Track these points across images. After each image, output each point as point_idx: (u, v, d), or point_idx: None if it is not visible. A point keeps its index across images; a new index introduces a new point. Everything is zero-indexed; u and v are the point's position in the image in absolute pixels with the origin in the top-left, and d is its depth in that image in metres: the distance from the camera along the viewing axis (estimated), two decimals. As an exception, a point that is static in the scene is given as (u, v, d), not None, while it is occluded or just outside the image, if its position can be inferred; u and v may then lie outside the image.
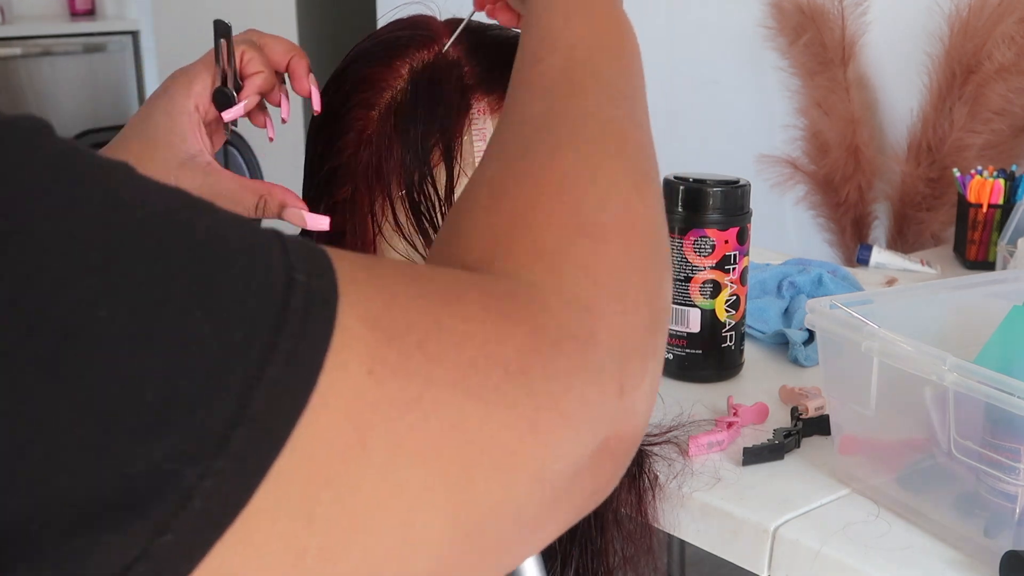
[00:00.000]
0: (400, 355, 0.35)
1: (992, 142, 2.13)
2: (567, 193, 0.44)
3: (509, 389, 0.37)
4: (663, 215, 0.48)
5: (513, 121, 0.49)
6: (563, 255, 0.42)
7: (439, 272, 0.40)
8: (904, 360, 0.89)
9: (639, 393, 0.43)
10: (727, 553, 0.96)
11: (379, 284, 0.36)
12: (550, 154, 0.46)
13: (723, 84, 2.74)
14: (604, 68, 0.51)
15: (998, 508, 0.85)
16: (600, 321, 0.41)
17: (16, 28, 4.24)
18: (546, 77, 0.50)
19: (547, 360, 0.38)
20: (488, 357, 0.37)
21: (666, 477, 0.99)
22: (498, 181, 0.45)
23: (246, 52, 0.69)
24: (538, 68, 0.51)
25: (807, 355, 1.27)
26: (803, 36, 2.34)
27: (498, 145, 0.48)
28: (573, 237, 0.43)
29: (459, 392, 0.35)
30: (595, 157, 0.46)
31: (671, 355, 1.21)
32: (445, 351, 0.36)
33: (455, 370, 0.36)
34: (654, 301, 0.45)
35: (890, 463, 0.96)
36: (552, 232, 0.42)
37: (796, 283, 1.41)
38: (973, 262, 1.74)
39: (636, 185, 0.46)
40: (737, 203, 1.17)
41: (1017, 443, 0.82)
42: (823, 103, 2.34)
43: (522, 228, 0.43)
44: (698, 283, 1.17)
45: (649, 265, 0.45)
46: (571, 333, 0.39)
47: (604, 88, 0.50)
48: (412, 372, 0.35)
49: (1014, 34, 2.05)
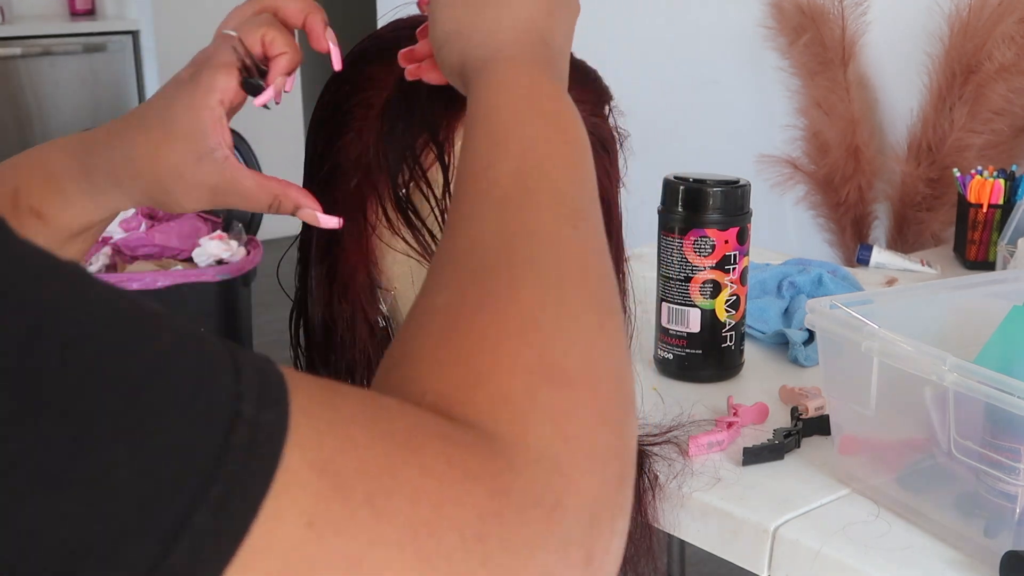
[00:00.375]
0: (346, 508, 0.32)
1: (992, 142, 2.13)
2: (531, 334, 0.40)
3: (461, 559, 0.33)
4: (626, 352, 0.45)
5: (464, 237, 0.46)
6: (529, 405, 0.39)
7: (402, 412, 0.36)
8: (904, 360, 0.89)
9: (609, 556, 0.40)
10: (727, 553, 0.96)
11: (335, 420, 0.33)
12: (509, 285, 0.42)
13: (723, 84, 2.74)
14: (559, 177, 0.48)
15: (998, 508, 0.85)
16: (569, 485, 0.38)
17: (16, 28, 4.24)
18: (498, 187, 0.47)
19: (508, 529, 0.35)
20: (444, 519, 0.33)
21: (666, 477, 0.98)
22: (453, 311, 0.42)
23: (267, 32, 0.67)
24: (489, 175, 0.48)
25: (807, 355, 1.27)
26: (803, 36, 2.34)
27: (449, 265, 0.45)
28: (539, 385, 0.39)
29: (407, 557, 0.32)
30: (557, 291, 0.43)
31: (671, 355, 1.21)
32: (397, 508, 0.32)
33: (405, 530, 0.32)
34: (623, 453, 0.42)
35: (890, 463, 0.96)
36: (517, 379, 0.39)
37: (796, 283, 1.41)
38: (973, 262, 1.74)
39: (601, 324, 0.43)
40: (737, 203, 1.17)
41: (1017, 443, 0.82)
42: (823, 103, 2.34)
43: (484, 372, 0.39)
44: (698, 283, 1.17)
45: (617, 414, 0.42)
46: (537, 499, 0.36)
47: (560, 203, 0.47)
48: (357, 529, 0.32)
49: (1014, 34, 2.05)
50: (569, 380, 0.40)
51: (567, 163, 0.49)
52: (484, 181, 0.48)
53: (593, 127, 0.78)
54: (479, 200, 0.47)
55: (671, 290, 1.19)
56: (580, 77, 0.77)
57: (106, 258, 2.75)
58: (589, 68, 0.79)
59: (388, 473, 0.33)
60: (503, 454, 0.36)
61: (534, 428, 0.38)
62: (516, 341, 0.40)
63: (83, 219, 0.68)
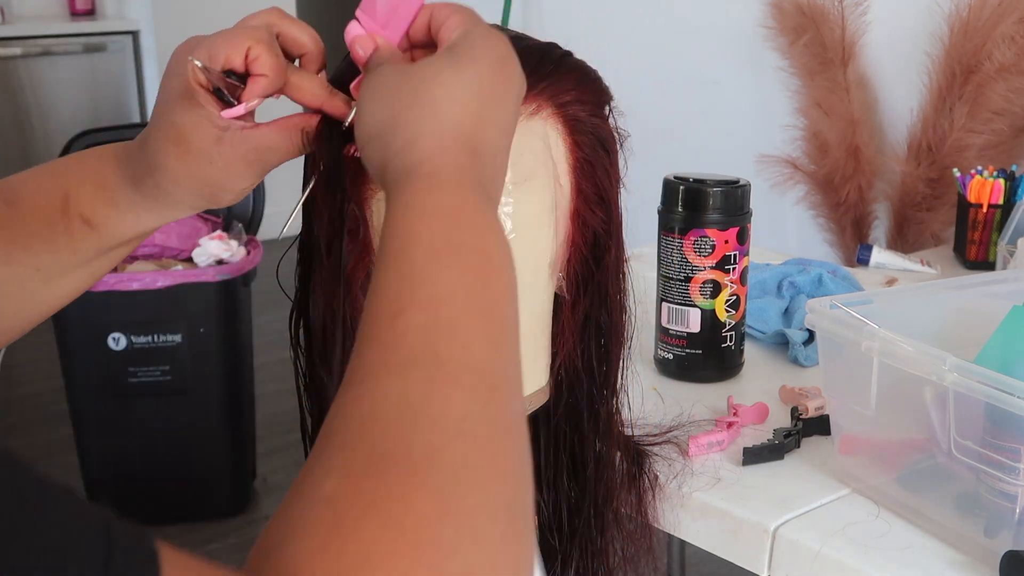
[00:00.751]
0: None
1: (992, 142, 2.13)
2: (424, 552, 0.37)
3: None
4: (529, 554, 0.42)
5: (363, 402, 0.42)
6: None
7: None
8: (904, 360, 0.89)
9: None
10: (727, 553, 0.96)
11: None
12: (405, 484, 0.38)
13: (723, 84, 2.74)
14: (473, 341, 0.44)
15: (998, 508, 0.85)
16: None
17: (16, 28, 4.24)
18: (404, 346, 0.43)
19: None
20: None
21: (666, 477, 0.99)
22: (342, 508, 0.38)
23: (254, 48, 0.63)
24: (397, 326, 0.44)
25: (807, 355, 1.27)
26: (803, 36, 2.34)
27: (342, 438, 0.40)
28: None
29: None
30: (458, 498, 0.39)
31: (671, 355, 1.21)
32: None
33: None
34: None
35: (890, 463, 0.96)
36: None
37: (796, 283, 1.41)
38: (973, 262, 1.74)
39: (503, 536, 0.39)
40: (737, 203, 1.17)
41: (1017, 443, 0.82)
42: (823, 103, 2.34)
43: (372, 565, 0.36)
44: (698, 283, 1.17)
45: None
46: None
47: (471, 375, 0.43)
48: None
49: (1014, 34, 2.05)
50: None
51: (485, 320, 0.45)
52: (391, 332, 0.44)
53: (594, 128, 0.78)
54: (384, 356, 0.43)
55: (671, 290, 1.19)
56: (580, 77, 0.78)
57: (106, 258, 2.74)
58: (589, 68, 0.79)
59: None
60: None
61: None
62: (408, 560, 0.36)
63: (137, 229, 0.69)
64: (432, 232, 0.47)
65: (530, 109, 0.75)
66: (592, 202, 0.80)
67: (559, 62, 0.77)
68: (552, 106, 0.76)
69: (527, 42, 0.78)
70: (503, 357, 0.45)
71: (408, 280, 0.45)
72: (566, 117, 0.77)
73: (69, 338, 2.47)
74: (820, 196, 2.42)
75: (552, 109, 0.76)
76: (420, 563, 0.36)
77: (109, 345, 2.42)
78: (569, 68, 0.77)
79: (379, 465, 0.39)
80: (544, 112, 0.76)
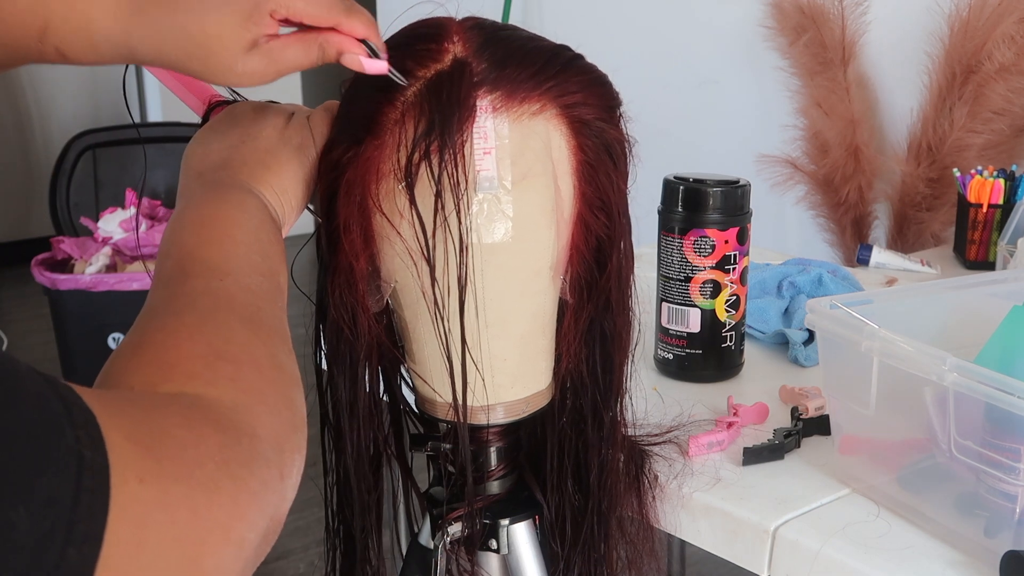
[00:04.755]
0: (155, 464, 0.44)
1: (992, 142, 2.13)
2: (197, 336, 0.56)
3: (216, 476, 0.47)
4: (282, 345, 0.61)
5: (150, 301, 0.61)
6: (212, 375, 0.53)
7: (155, 401, 0.49)
8: (904, 360, 0.89)
9: (292, 480, 0.54)
10: (727, 553, 0.96)
11: (125, 420, 0.44)
12: (176, 314, 0.58)
13: (723, 84, 2.74)
14: (207, 254, 0.63)
15: (998, 508, 0.85)
16: (256, 422, 0.52)
17: (16, 28, 4.23)
18: (161, 272, 0.63)
19: (235, 453, 0.49)
20: (201, 455, 0.47)
21: (666, 477, 0.99)
22: (138, 335, 0.56)
23: None
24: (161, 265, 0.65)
25: (807, 355, 1.27)
26: (803, 36, 2.34)
27: (142, 312, 0.60)
28: (213, 361, 0.54)
29: (191, 482, 0.45)
30: (210, 317, 0.58)
31: (671, 355, 1.21)
32: (179, 455, 0.45)
33: (183, 465, 0.45)
34: (292, 408, 0.57)
35: (890, 463, 0.96)
36: (197, 362, 0.54)
37: (796, 283, 1.41)
38: (973, 262, 1.74)
39: (253, 331, 0.59)
40: (737, 203, 1.17)
41: (1017, 443, 0.82)
42: (823, 103, 2.34)
43: (172, 362, 0.53)
44: (698, 283, 1.17)
45: (280, 380, 0.57)
46: (242, 432, 0.50)
47: (208, 270, 0.62)
48: (161, 471, 0.44)
49: (1014, 34, 2.05)
50: (234, 358, 0.56)
51: (222, 243, 0.66)
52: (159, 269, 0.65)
53: (599, 132, 0.78)
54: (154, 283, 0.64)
55: (671, 290, 1.19)
56: (588, 80, 0.78)
57: (106, 258, 2.75)
58: (599, 72, 0.79)
59: (168, 437, 0.46)
60: (213, 408, 0.50)
61: (220, 388, 0.52)
62: (188, 342, 0.55)
63: (105, 63, 0.70)
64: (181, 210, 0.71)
65: (534, 108, 0.75)
66: (595, 206, 0.80)
67: (567, 64, 0.77)
68: (557, 107, 0.76)
69: (539, 42, 0.78)
70: (226, 252, 0.65)
71: (166, 237, 0.68)
72: (571, 119, 0.77)
73: (69, 338, 2.47)
74: (820, 196, 2.42)
75: (557, 110, 0.76)
76: (197, 342, 0.55)
77: (109, 345, 2.42)
78: (577, 71, 0.77)
79: (157, 314, 0.59)
80: (548, 112, 0.76)
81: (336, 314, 0.79)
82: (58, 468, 0.38)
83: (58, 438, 0.39)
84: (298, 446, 0.56)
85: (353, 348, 0.81)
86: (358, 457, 0.84)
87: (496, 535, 0.87)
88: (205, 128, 0.78)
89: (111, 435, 0.41)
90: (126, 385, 0.52)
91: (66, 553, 0.38)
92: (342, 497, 0.87)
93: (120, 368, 0.53)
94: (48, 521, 0.37)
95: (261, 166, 0.74)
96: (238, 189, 0.71)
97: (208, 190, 0.71)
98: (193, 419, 0.48)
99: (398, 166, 0.74)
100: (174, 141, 2.83)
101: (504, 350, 0.80)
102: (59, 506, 0.38)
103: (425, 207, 0.74)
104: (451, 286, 0.75)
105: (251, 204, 0.70)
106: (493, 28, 0.77)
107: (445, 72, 0.74)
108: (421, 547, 0.91)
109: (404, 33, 0.78)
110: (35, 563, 0.36)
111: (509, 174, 0.75)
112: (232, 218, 0.68)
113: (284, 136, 0.77)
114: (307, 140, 0.77)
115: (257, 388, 0.55)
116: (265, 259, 0.67)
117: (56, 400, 0.40)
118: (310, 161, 0.77)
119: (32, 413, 0.39)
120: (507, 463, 0.88)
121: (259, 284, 0.64)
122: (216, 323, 0.58)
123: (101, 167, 3.19)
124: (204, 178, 0.73)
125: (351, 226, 0.76)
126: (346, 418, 0.83)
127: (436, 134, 0.72)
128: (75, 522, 0.38)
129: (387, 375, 0.87)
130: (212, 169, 0.73)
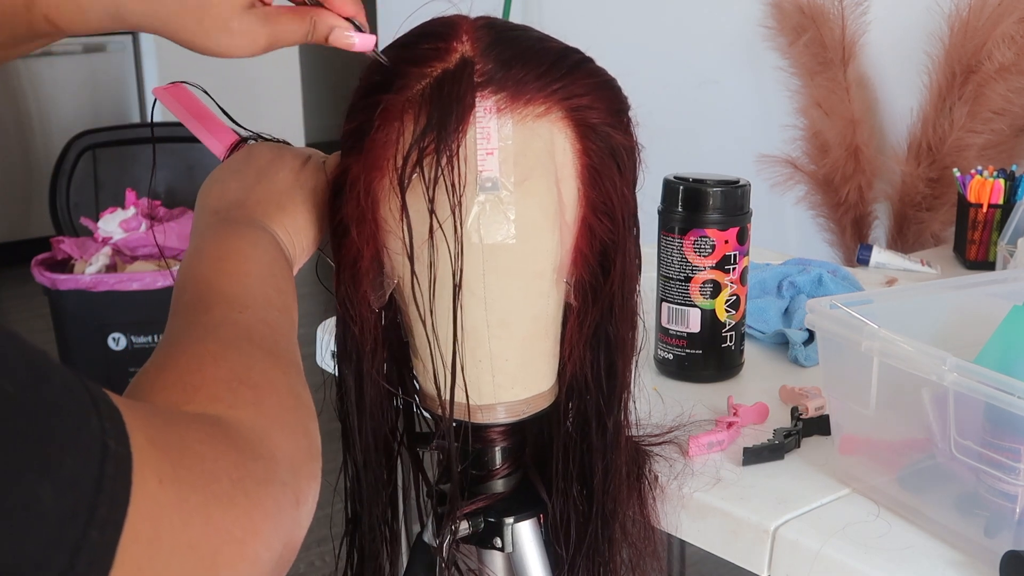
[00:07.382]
0: (174, 469, 0.44)
1: (992, 142, 2.13)
2: (221, 362, 0.57)
3: (231, 493, 0.48)
4: (299, 378, 0.62)
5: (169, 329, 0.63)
6: (233, 399, 0.55)
7: (178, 418, 0.50)
8: (904, 360, 0.89)
9: (307, 505, 0.55)
10: (727, 553, 0.96)
11: (155, 431, 0.45)
12: (200, 341, 0.60)
13: (723, 84, 2.74)
14: (227, 287, 0.65)
15: (998, 508, 0.85)
16: (275, 446, 0.53)
17: (16, 28, 4.23)
18: (180, 302, 0.65)
19: (250, 471, 0.50)
20: (218, 471, 0.48)
21: (666, 477, 0.99)
22: (161, 358, 0.57)
23: None
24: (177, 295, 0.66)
25: (807, 355, 1.27)
26: (803, 36, 2.34)
27: (163, 337, 0.62)
28: (236, 387, 0.56)
29: (204, 493, 0.46)
30: (235, 346, 0.60)
31: (671, 355, 1.21)
32: (197, 466, 0.46)
33: (201, 478, 0.46)
34: (309, 435, 0.59)
35: (890, 463, 0.96)
36: (220, 385, 0.55)
37: (796, 283, 1.41)
38: (973, 262, 1.74)
39: (273, 362, 0.60)
40: (737, 203, 1.17)
41: (1017, 443, 0.82)
42: (823, 103, 2.34)
43: (196, 384, 0.54)
44: (698, 283, 1.17)
45: (297, 408, 0.59)
46: (259, 453, 0.52)
47: (227, 302, 0.64)
48: (181, 479, 0.44)
49: (1014, 34, 2.05)
50: (256, 384, 0.57)
51: (231, 276, 0.68)
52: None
53: (605, 136, 0.77)
54: (173, 311, 0.65)
55: (671, 290, 1.19)
56: (596, 84, 0.77)
57: (106, 258, 2.75)
58: (607, 76, 0.79)
59: (188, 449, 0.47)
60: (233, 428, 0.52)
61: (242, 411, 0.54)
62: (212, 367, 0.56)
63: (93, 30, 0.69)
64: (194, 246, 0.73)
65: (539, 110, 0.75)
66: (599, 211, 0.79)
67: (575, 66, 0.76)
68: (562, 109, 0.75)
69: (548, 44, 0.77)
70: (251, 293, 0.67)
71: (184, 269, 0.70)
72: (577, 122, 0.76)
73: (69, 338, 2.47)
74: (820, 196, 2.42)
75: (562, 112, 0.76)
76: (220, 367, 0.57)
77: (109, 345, 2.42)
78: (585, 73, 0.77)
79: (179, 338, 0.61)
80: (554, 115, 0.75)
81: (341, 309, 0.80)
82: (82, 451, 0.39)
83: (85, 422, 0.40)
84: (314, 474, 0.57)
85: (359, 343, 0.81)
86: (366, 451, 0.85)
87: (501, 533, 0.87)
88: (222, 167, 0.80)
89: (135, 435, 0.42)
90: (149, 403, 0.53)
91: (88, 533, 0.38)
92: (353, 491, 0.88)
93: (144, 389, 0.54)
94: (71, 500, 0.38)
95: (276, 206, 0.76)
96: (253, 227, 0.73)
97: (224, 226, 0.73)
98: (213, 436, 0.50)
99: (395, 163, 0.74)
100: (174, 141, 2.82)
101: (505, 351, 0.79)
102: (81, 488, 0.38)
103: (424, 205, 0.74)
104: (446, 284, 0.76)
105: (265, 241, 0.72)
106: (504, 28, 0.77)
107: (450, 71, 0.74)
108: (425, 545, 0.91)
109: (415, 31, 0.78)
110: (58, 538, 0.37)
111: (512, 175, 0.75)
112: (248, 254, 0.70)
113: (300, 179, 0.79)
114: (321, 183, 0.79)
115: (276, 414, 0.56)
116: (280, 295, 0.68)
117: (83, 390, 0.41)
118: (323, 204, 0.79)
119: (62, 395, 0.40)
120: (512, 462, 0.88)
121: (276, 318, 0.66)
122: (238, 351, 0.59)
123: (101, 167, 3.19)
124: (220, 215, 0.74)
125: (354, 221, 0.76)
126: (354, 413, 0.84)
127: (433, 131, 0.72)
128: (97, 506, 0.39)
129: (399, 370, 0.87)
130: (228, 207, 0.75)
